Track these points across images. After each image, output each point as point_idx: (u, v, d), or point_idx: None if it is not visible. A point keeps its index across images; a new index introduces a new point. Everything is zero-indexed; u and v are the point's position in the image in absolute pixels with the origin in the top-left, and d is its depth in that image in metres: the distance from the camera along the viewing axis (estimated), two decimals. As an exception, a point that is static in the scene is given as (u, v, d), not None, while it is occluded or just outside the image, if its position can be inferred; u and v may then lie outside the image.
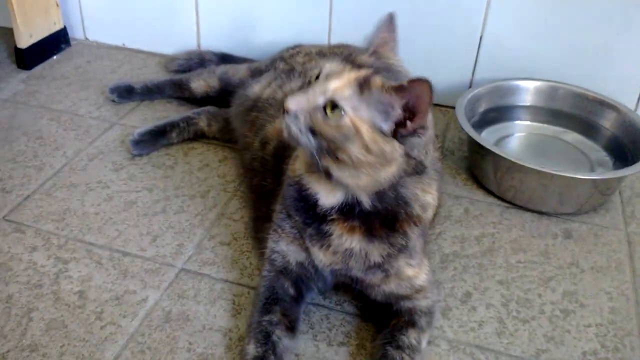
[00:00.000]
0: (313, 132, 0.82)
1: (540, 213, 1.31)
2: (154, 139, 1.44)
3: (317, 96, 0.81)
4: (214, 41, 1.82)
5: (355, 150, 0.80)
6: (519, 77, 1.52)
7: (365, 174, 0.82)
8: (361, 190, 0.85)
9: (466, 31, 1.58)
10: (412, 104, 0.79)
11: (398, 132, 0.80)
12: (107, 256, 1.15)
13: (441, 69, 1.64)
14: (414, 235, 0.92)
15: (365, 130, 0.79)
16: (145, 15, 1.86)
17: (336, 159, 0.81)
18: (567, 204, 1.28)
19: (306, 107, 0.81)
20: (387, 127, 0.80)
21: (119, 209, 1.27)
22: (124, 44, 1.94)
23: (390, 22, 0.93)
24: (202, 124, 1.49)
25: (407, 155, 0.83)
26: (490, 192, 1.35)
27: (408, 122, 0.80)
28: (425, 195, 0.91)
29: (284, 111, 0.82)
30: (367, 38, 0.92)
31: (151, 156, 1.43)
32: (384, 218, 0.89)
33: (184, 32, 1.84)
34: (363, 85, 0.79)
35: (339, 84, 0.80)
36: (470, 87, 1.63)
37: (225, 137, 1.48)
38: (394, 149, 0.81)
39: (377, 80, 0.80)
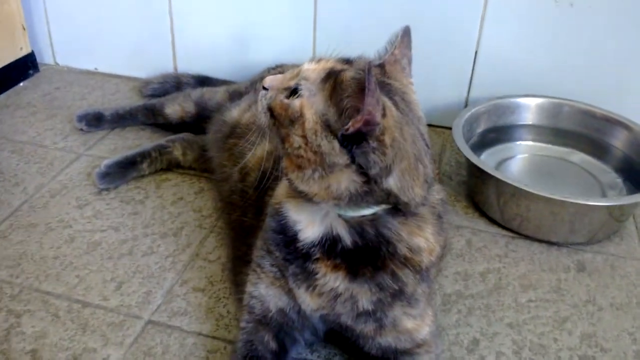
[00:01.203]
0: (271, 110, 0.77)
1: (550, 243, 1.18)
2: (123, 170, 1.31)
3: (291, 78, 0.77)
4: (191, 63, 1.71)
5: (295, 138, 0.72)
6: (519, 94, 1.41)
7: (312, 180, 0.72)
8: (319, 199, 0.74)
9: (460, 46, 1.47)
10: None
11: (344, 136, 0.70)
12: (65, 307, 1.01)
13: (434, 87, 1.53)
14: (410, 281, 0.80)
15: (310, 117, 0.71)
16: (118, 38, 1.75)
17: (286, 153, 0.74)
18: (578, 232, 1.16)
19: (277, 85, 0.78)
20: (337, 125, 0.70)
21: (81, 251, 1.14)
22: (96, 69, 1.82)
23: (404, 36, 0.82)
24: (177, 152, 1.36)
25: (363, 172, 0.70)
26: (493, 221, 1.23)
27: (352, 122, 0.68)
28: (414, 237, 0.79)
29: (263, 88, 0.80)
30: (378, 54, 0.81)
31: (120, 190, 1.30)
32: (366, 255, 0.78)
33: (160, 55, 1.73)
34: (330, 75, 0.72)
35: (312, 67, 0.76)
36: (465, 105, 1.52)
37: (202, 167, 1.36)
38: (334, 150, 0.70)
39: (346, 75, 0.71)
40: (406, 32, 0.82)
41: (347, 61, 0.78)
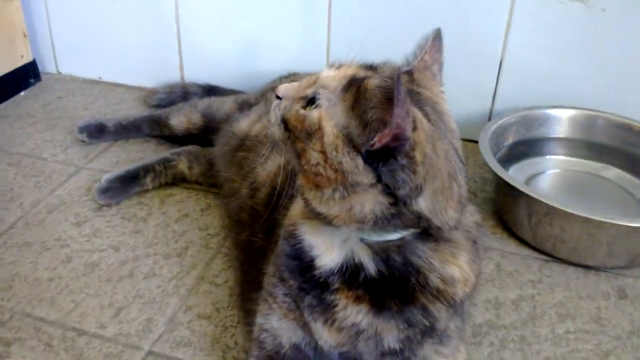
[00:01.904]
0: (285, 123, 0.69)
1: (586, 267, 1.09)
2: (125, 185, 1.23)
3: (308, 86, 0.69)
4: (199, 72, 1.63)
5: (313, 153, 0.64)
6: (550, 105, 1.31)
7: (332, 200, 0.64)
8: (340, 222, 0.65)
9: (484, 54, 1.38)
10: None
11: (369, 152, 0.61)
12: (59, 336, 0.93)
13: (456, 97, 1.39)
14: (443, 316, 0.70)
15: (329, 130, 0.63)
16: (123, 46, 1.67)
17: (303, 170, 0.66)
18: (618, 256, 1.07)
19: (292, 94, 0.70)
20: (361, 140, 0.61)
21: (78, 273, 1.05)
22: (100, 77, 1.75)
23: (435, 40, 0.74)
24: (182, 166, 1.28)
25: (390, 193, 0.62)
26: (524, 242, 1.14)
27: (378, 136, 0.60)
28: (446, 266, 0.69)
29: (276, 97, 0.73)
30: (406, 59, 0.73)
31: (121, 206, 1.22)
32: (392, 286, 0.69)
33: (166, 63, 1.65)
34: (352, 83, 0.64)
35: (332, 74, 0.68)
36: (489, 117, 1.43)
37: (209, 182, 1.27)
38: (357, 168, 0.62)
39: (370, 83, 0.62)
40: (437, 36, 0.74)
41: (371, 67, 0.70)
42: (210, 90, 1.56)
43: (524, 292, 1.03)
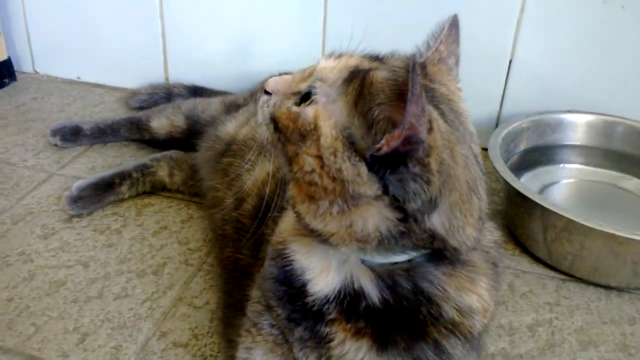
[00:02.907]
0: (275, 122, 0.59)
1: (608, 288, 0.98)
2: (98, 194, 1.11)
3: (303, 80, 0.59)
4: (185, 72, 1.52)
5: (307, 158, 0.54)
6: (563, 109, 1.21)
7: (329, 215, 0.54)
8: (337, 241, 0.55)
9: (492, 53, 1.27)
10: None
11: (374, 157, 0.51)
12: (15, 366, 0.81)
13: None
14: (457, 352, 0.59)
15: (327, 131, 0.53)
16: (103, 44, 1.56)
17: (294, 178, 0.56)
18: (643, 275, 0.96)
19: (283, 89, 0.61)
20: (365, 142, 0.51)
21: (41, 292, 0.94)
22: (79, 77, 1.64)
23: (452, 28, 0.64)
24: (162, 173, 1.17)
25: (398, 207, 0.52)
26: (538, 260, 1.03)
27: (386, 138, 0.50)
28: (463, 295, 0.59)
29: (265, 92, 0.63)
30: (418, 50, 0.63)
31: (94, 216, 1.10)
32: (399, 318, 0.58)
33: (149, 63, 1.54)
34: (355, 75, 0.54)
35: (330, 65, 0.57)
36: (497, 122, 1.33)
37: (191, 190, 1.17)
38: (360, 177, 0.51)
39: (377, 75, 0.52)
40: (454, 24, 0.64)
41: (377, 58, 0.59)
42: (197, 92, 1.45)
43: (541, 316, 0.92)
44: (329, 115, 0.54)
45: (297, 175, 0.55)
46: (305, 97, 0.57)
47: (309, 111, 0.55)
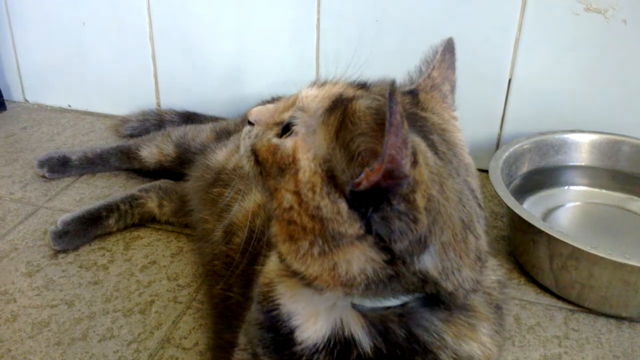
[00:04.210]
0: (255, 154, 0.56)
1: (619, 318, 0.93)
2: (84, 228, 1.07)
3: (285, 109, 0.57)
4: (176, 98, 1.49)
5: (285, 194, 0.50)
6: (565, 129, 1.17)
7: (310, 257, 0.49)
8: (321, 284, 0.50)
9: (491, 73, 1.24)
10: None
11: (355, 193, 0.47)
12: (-9, 417, 0.77)
13: (460, 121, 1.29)
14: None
15: (305, 164, 0.50)
16: (93, 71, 1.53)
17: (276, 215, 0.52)
18: (656, 305, 0.91)
19: (265, 119, 0.58)
20: (345, 177, 0.47)
21: (24, 334, 0.89)
22: (69, 105, 1.60)
23: (446, 53, 0.61)
24: (152, 204, 1.13)
25: (385, 247, 0.47)
26: (545, 289, 0.98)
27: (365, 172, 0.46)
28: (463, 343, 0.54)
29: (248, 122, 0.60)
30: (409, 77, 0.60)
31: (80, 252, 1.06)
32: None
33: (140, 89, 1.51)
34: (337, 104, 0.51)
35: (312, 94, 0.54)
36: (497, 142, 1.28)
37: (182, 222, 1.13)
38: (340, 215, 0.47)
39: (359, 104, 0.48)
40: (449, 47, 0.60)
41: (363, 85, 0.56)
42: (189, 118, 1.42)
43: (549, 350, 0.87)
44: (308, 148, 0.50)
45: (277, 212, 0.51)
46: (286, 128, 0.53)
47: (287, 143, 0.52)
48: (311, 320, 0.57)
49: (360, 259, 0.48)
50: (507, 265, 1.04)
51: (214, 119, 1.39)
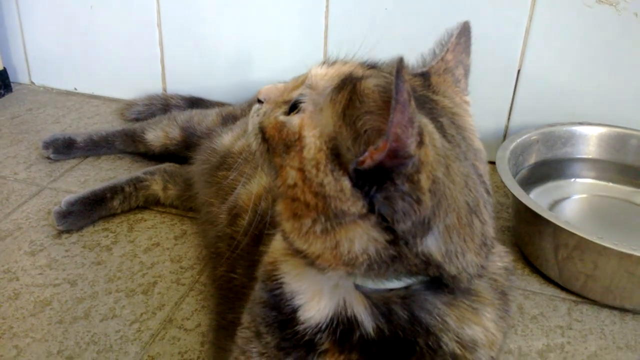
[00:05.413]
0: (263, 132, 0.55)
1: (623, 310, 0.92)
2: (89, 209, 1.07)
3: (294, 88, 0.56)
4: (183, 83, 1.48)
5: (290, 171, 0.50)
6: (574, 121, 1.16)
7: (312, 234, 0.49)
8: (323, 263, 0.50)
9: (499, 64, 1.23)
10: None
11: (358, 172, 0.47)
12: (-7, 392, 0.77)
13: (467, 111, 1.28)
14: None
15: (310, 141, 0.50)
16: (100, 55, 1.53)
17: (280, 193, 0.52)
18: (661, 297, 0.91)
19: (274, 98, 0.58)
20: (350, 155, 0.47)
21: (26, 312, 0.89)
22: (75, 89, 1.60)
23: (462, 36, 0.60)
24: (156, 187, 1.13)
25: (388, 227, 0.47)
26: (548, 279, 0.98)
27: (369, 151, 0.45)
28: (465, 326, 0.54)
29: (258, 101, 0.60)
30: (422, 59, 0.60)
31: (84, 232, 1.06)
32: (395, 350, 0.53)
33: (147, 73, 1.50)
34: (346, 83, 0.50)
35: (321, 72, 0.54)
36: (505, 134, 1.28)
37: (186, 205, 1.12)
38: (343, 192, 0.47)
39: (367, 82, 0.47)
40: (464, 31, 0.60)
41: (373, 66, 0.55)
42: (194, 103, 1.42)
43: (552, 340, 0.87)
44: (314, 125, 0.50)
45: (281, 190, 0.51)
46: (294, 106, 0.53)
47: (294, 120, 0.51)
48: (315, 299, 0.56)
49: (362, 238, 0.48)
50: (511, 255, 1.03)
51: (219, 104, 1.39)
